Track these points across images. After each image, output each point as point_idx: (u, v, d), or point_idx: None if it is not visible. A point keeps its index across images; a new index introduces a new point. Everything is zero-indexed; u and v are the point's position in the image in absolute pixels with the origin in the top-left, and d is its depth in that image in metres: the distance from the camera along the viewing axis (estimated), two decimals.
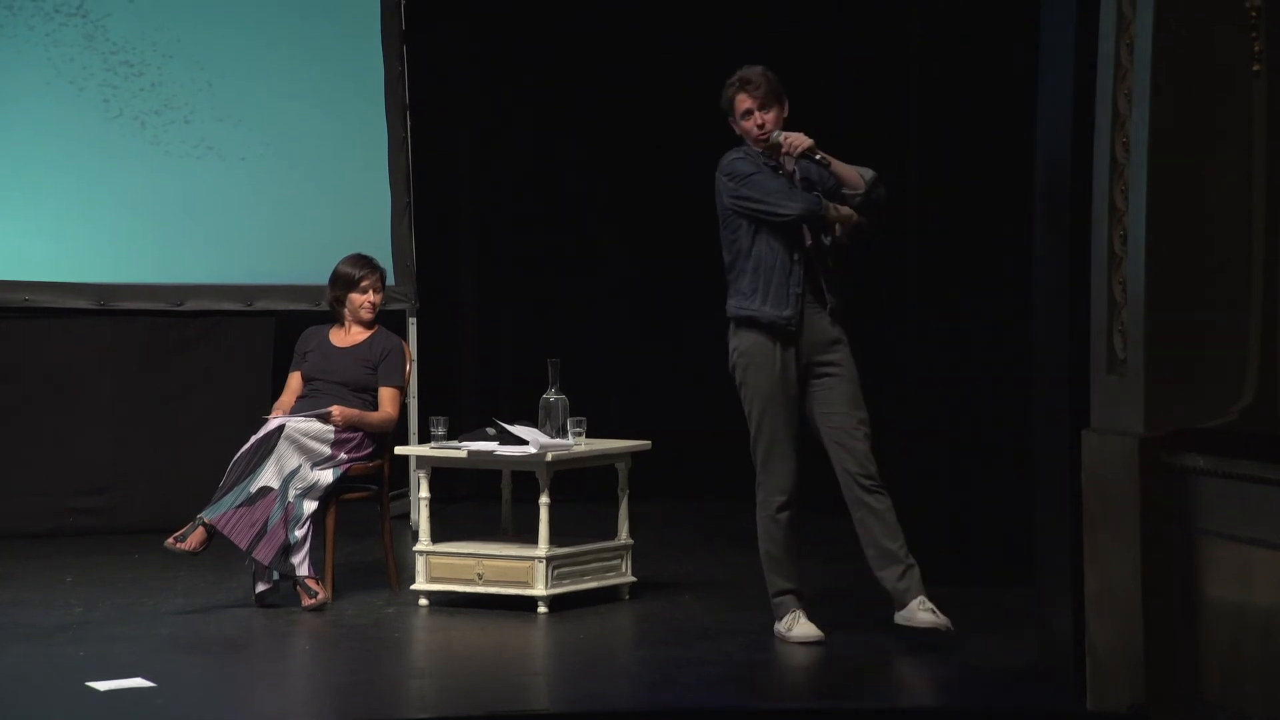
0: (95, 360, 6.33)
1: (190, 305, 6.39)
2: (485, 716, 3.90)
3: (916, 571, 4.36)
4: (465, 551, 4.98)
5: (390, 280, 6.05)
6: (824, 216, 4.38)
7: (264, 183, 6.41)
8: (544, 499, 4.91)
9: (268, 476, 4.99)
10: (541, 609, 4.87)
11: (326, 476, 5.06)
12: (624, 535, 5.09)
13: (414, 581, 5.03)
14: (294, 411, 5.16)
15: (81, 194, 6.19)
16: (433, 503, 5.05)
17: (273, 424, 5.07)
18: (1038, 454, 4.09)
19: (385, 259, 6.35)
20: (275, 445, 5.01)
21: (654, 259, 6.96)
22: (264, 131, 6.37)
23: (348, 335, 5.31)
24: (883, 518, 4.37)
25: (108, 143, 6.17)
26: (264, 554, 4.96)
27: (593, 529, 5.13)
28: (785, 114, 4.45)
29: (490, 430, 5.00)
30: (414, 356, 5.92)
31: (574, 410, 5.05)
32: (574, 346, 6.09)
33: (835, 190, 4.41)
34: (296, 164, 6.42)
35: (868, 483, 4.38)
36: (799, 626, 4.43)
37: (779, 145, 4.40)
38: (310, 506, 5.02)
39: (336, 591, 5.04)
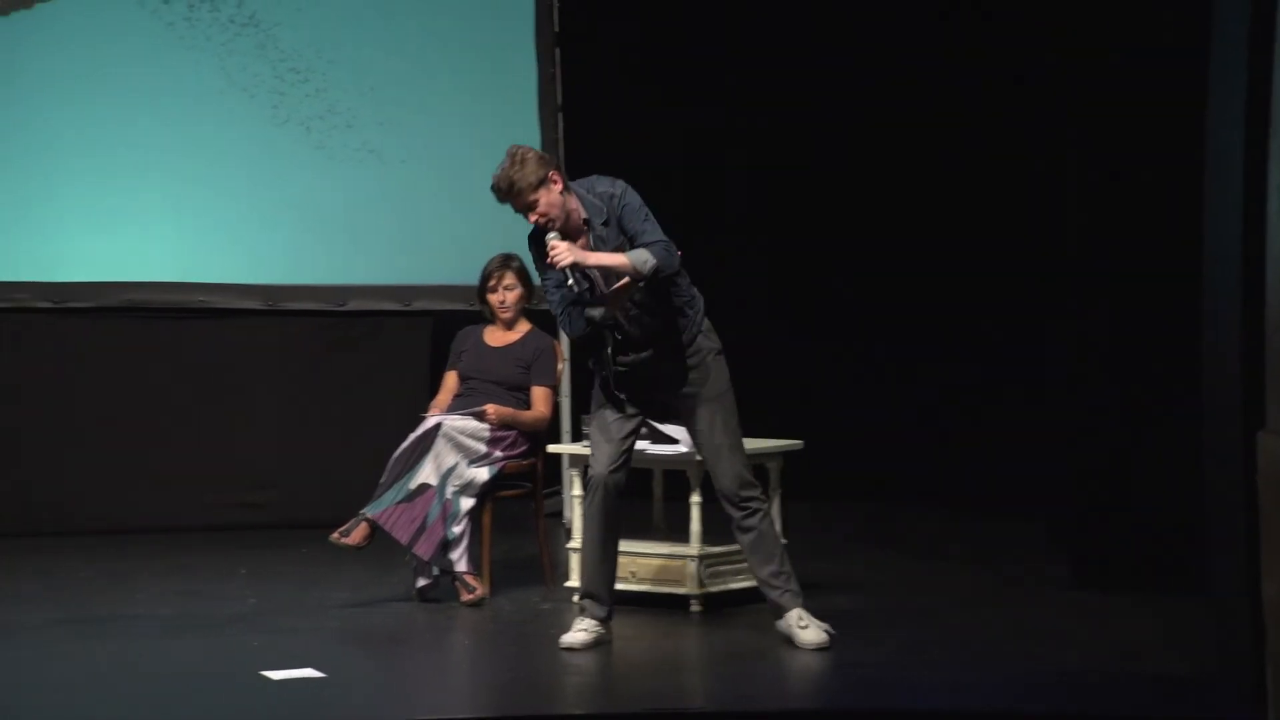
0: (264, 359, 6.55)
1: (352, 305, 6.56)
2: (641, 714, 3.95)
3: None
4: (618, 549, 5.05)
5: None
6: (600, 321, 4.40)
7: (422, 184, 6.55)
8: (695, 498, 4.94)
9: (426, 474, 5.10)
10: (694, 608, 4.91)
11: (482, 474, 5.15)
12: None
13: (568, 578, 5.10)
14: (450, 410, 5.26)
15: (252, 197, 6.39)
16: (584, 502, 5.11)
17: (430, 422, 5.18)
18: (1210, 457, 3.97)
19: None
20: (433, 443, 5.12)
21: (805, 260, 6.96)
22: (422, 134, 6.51)
23: (501, 335, 5.41)
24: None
25: (276, 147, 6.37)
26: (424, 549, 5.08)
27: None
28: (557, 189, 4.39)
29: (642, 430, 5.05)
30: (566, 356, 6.00)
31: None
32: (725, 345, 6.10)
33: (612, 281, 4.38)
34: (453, 166, 6.54)
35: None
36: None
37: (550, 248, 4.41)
38: (467, 503, 5.12)
39: (493, 587, 5.13)
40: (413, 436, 5.16)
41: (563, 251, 4.33)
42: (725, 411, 4.49)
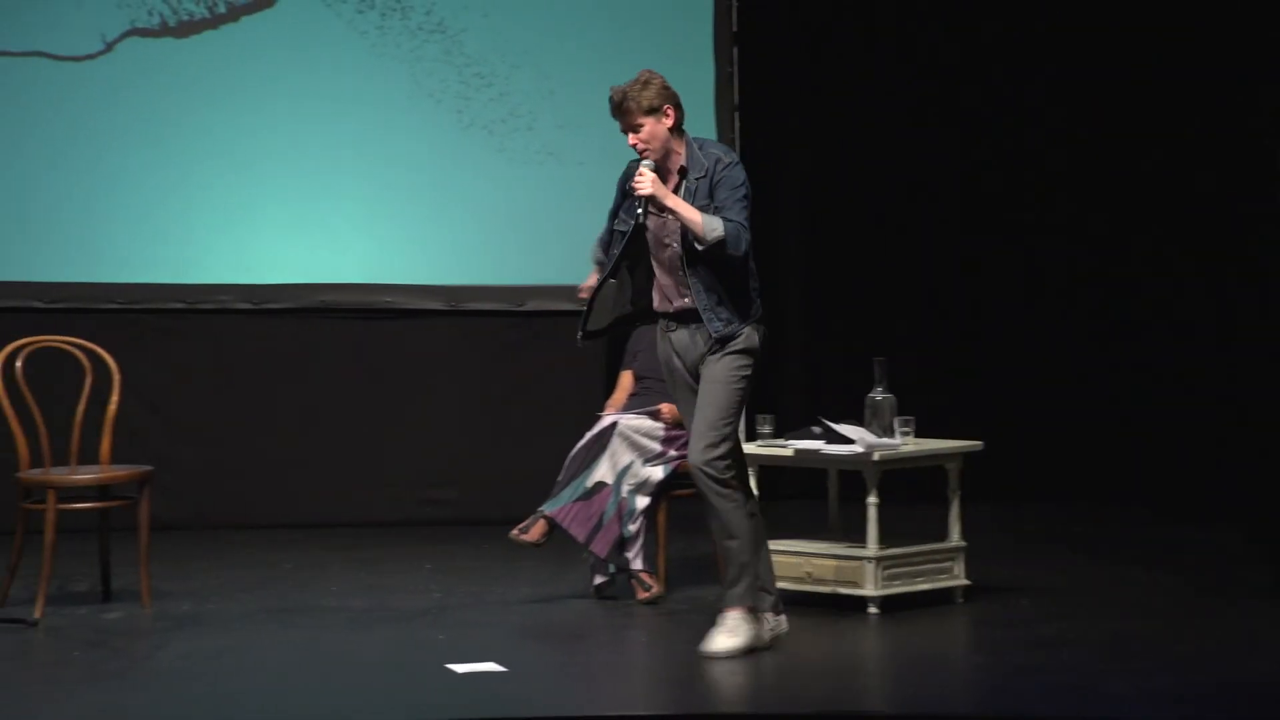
0: (446, 358, 6.71)
1: (530, 306, 6.67)
2: (819, 715, 3.93)
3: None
4: (793, 550, 5.02)
5: None
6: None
7: (600, 186, 6.60)
8: (871, 499, 4.90)
9: (602, 472, 5.15)
10: (872, 609, 4.88)
11: (657, 473, 5.18)
12: (956, 537, 5.03)
13: None
14: (626, 409, 5.30)
15: (436, 200, 6.55)
16: (760, 500, 5.12)
17: (606, 421, 5.22)
18: None
19: None
20: (609, 442, 5.17)
21: (981, 258, 6.83)
22: (599, 136, 6.58)
23: None
24: None
25: (459, 151, 6.52)
26: (600, 547, 5.13)
27: (922, 530, 5.09)
28: (667, 123, 4.39)
29: (816, 429, 5.01)
30: None
31: (901, 409, 5.02)
32: (900, 345, 6.05)
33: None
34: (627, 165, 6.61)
35: None
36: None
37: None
38: (643, 502, 5.15)
39: (669, 585, 5.15)
40: (589, 435, 5.22)
41: (648, 183, 4.34)
42: (719, 393, 4.42)
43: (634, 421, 5.19)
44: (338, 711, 4.01)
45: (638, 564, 5.11)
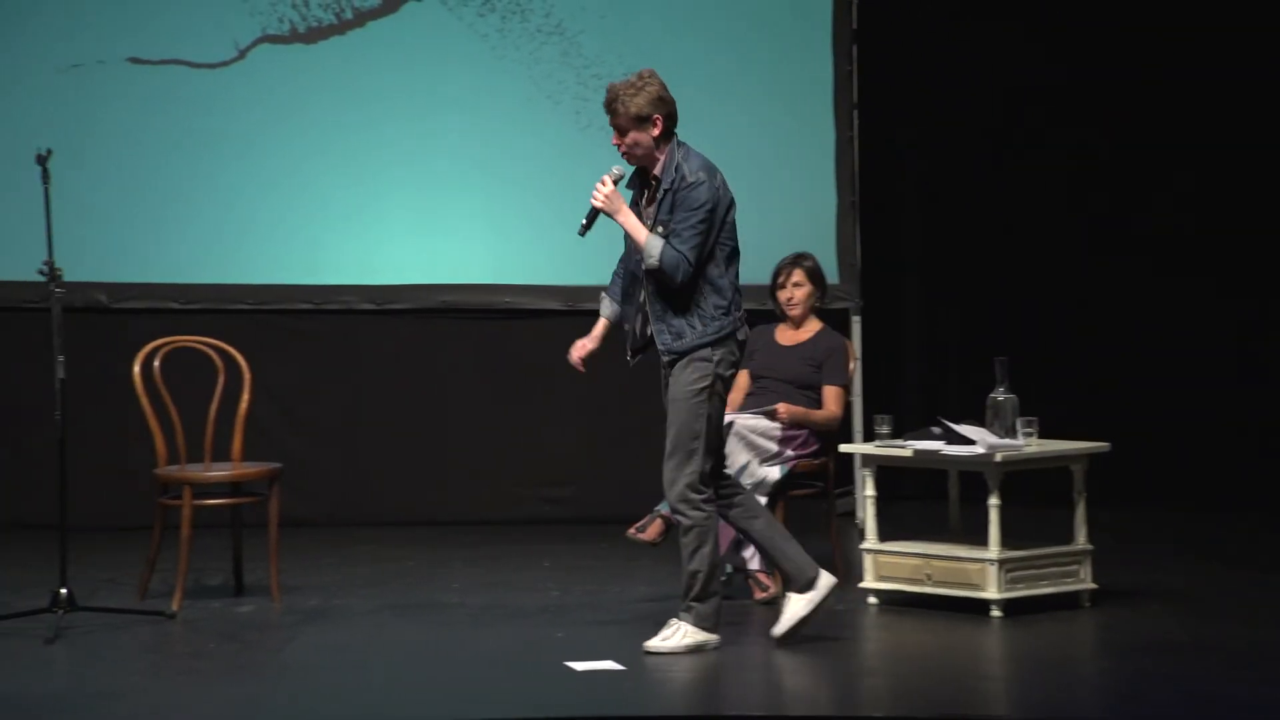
0: (565, 358, 6.76)
1: None
2: (942, 719, 3.90)
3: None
4: (913, 551, 4.99)
5: (834, 279, 6.13)
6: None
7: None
8: (993, 500, 4.85)
9: None
10: (995, 613, 4.82)
11: (774, 473, 5.17)
12: (1082, 540, 4.96)
13: (861, 579, 5.09)
14: (742, 409, 5.29)
15: (555, 201, 6.58)
16: (878, 501, 5.09)
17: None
18: None
19: (829, 258, 6.45)
20: (725, 441, 5.19)
21: (1107, 257, 6.73)
22: (715, 135, 6.58)
23: (793, 333, 5.42)
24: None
25: (577, 152, 6.56)
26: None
27: (1045, 533, 5.02)
28: (652, 133, 4.39)
29: (936, 429, 4.98)
30: (858, 355, 5.97)
31: (1024, 410, 4.96)
32: (1023, 345, 5.98)
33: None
34: (745, 166, 6.55)
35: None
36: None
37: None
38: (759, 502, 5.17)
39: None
40: None
41: (602, 195, 4.37)
42: (678, 417, 4.42)
43: (750, 421, 5.19)
44: (459, 707, 4.07)
45: (754, 564, 5.12)
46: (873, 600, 5.05)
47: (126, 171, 6.32)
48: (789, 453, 5.20)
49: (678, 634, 4.48)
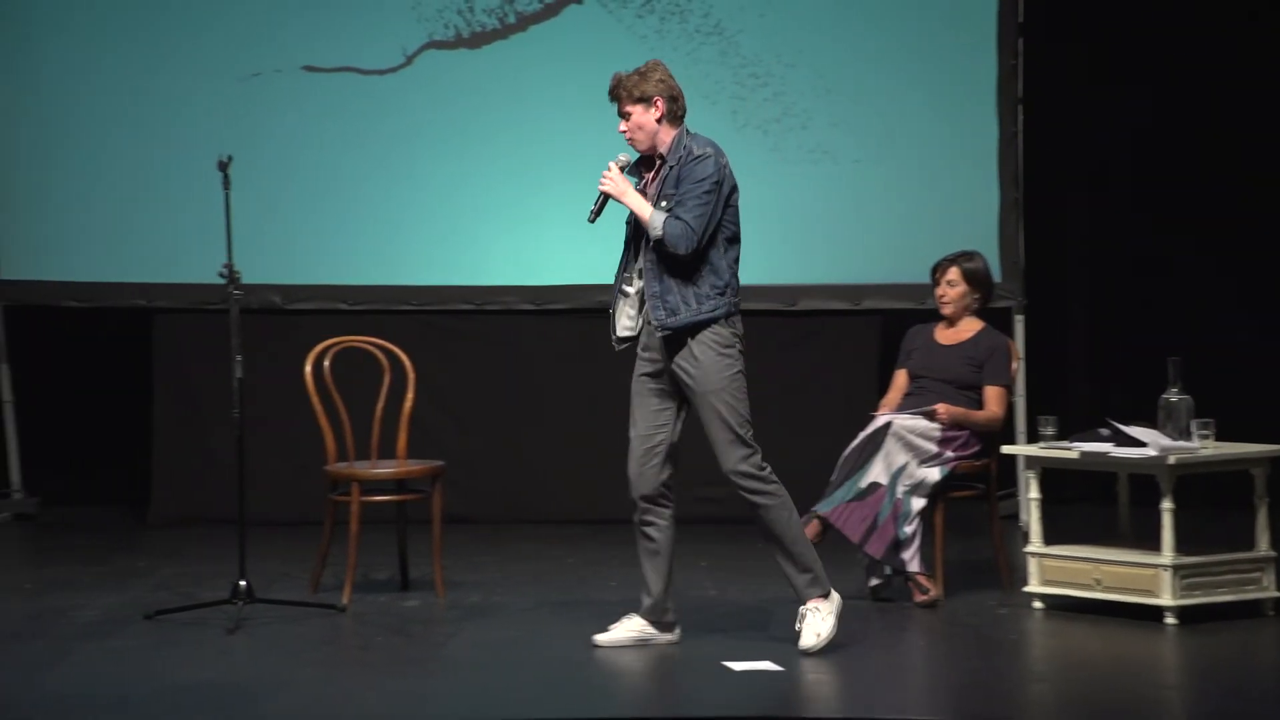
0: None
1: (801, 305, 6.67)
2: None
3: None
4: (1081, 555, 4.89)
5: (997, 277, 6.01)
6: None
7: (874, 184, 6.57)
8: (1166, 504, 4.72)
9: (876, 472, 5.10)
10: (1169, 620, 4.70)
11: (934, 474, 5.11)
12: (1264, 546, 4.81)
13: (1026, 583, 4.99)
14: (900, 409, 5.24)
15: None
16: (1043, 504, 4.99)
17: (880, 421, 5.17)
18: None
19: (992, 256, 6.34)
20: (883, 442, 5.13)
21: None
22: (876, 133, 6.54)
23: (953, 333, 5.34)
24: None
25: (733, 152, 6.50)
26: (875, 548, 5.08)
27: (1222, 538, 4.88)
28: (654, 115, 4.46)
29: (1104, 431, 4.86)
30: (1021, 355, 5.86)
31: (1200, 411, 4.82)
32: (1197, 344, 5.79)
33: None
34: (906, 164, 6.53)
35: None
36: None
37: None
38: (918, 503, 5.09)
39: (947, 589, 5.08)
40: (862, 435, 5.18)
41: (610, 180, 4.45)
42: (724, 406, 4.46)
43: (909, 422, 5.13)
44: (618, 704, 4.09)
45: (914, 566, 5.06)
46: (1038, 605, 4.95)
47: (300, 176, 6.48)
48: (949, 454, 5.13)
49: (818, 619, 4.46)
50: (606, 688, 4.27)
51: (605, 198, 4.53)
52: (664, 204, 4.47)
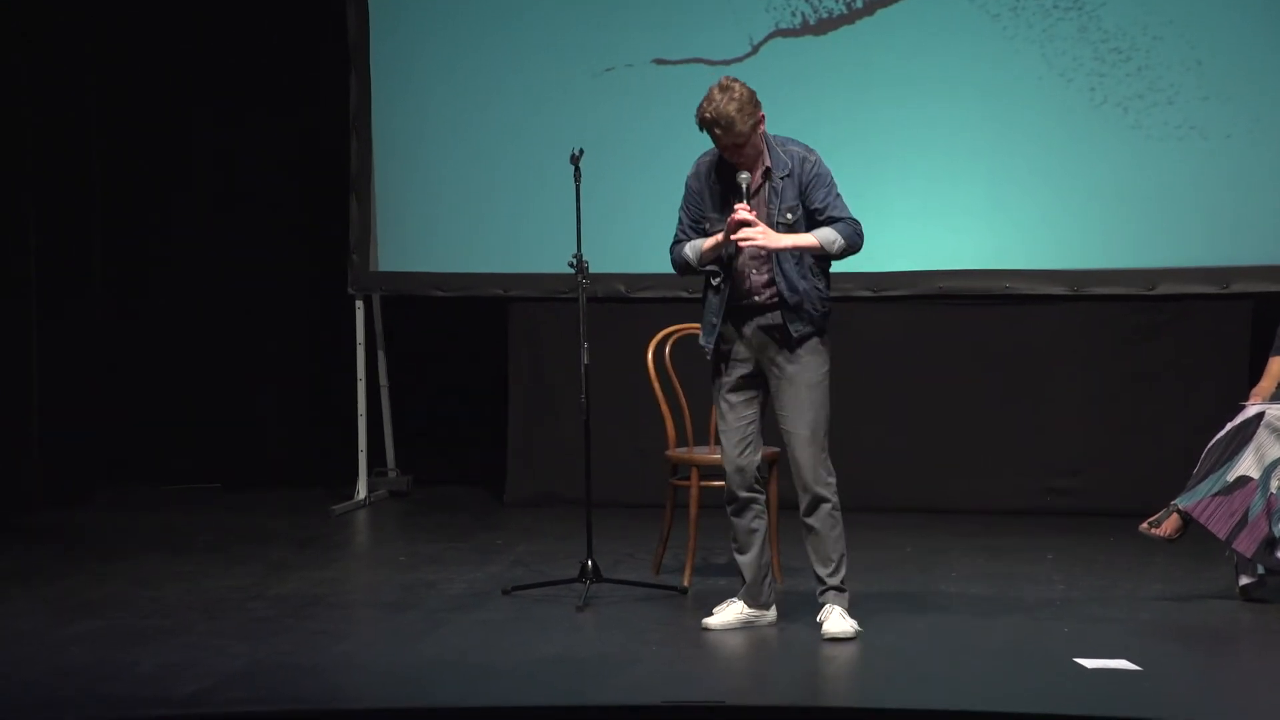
0: (1070, 344, 6.50)
1: (1161, 289, 6.33)
2: None
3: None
4: None
5: None
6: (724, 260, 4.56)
7: (1246, 161, 6.17)
8: None
9: (1246, 465, 4.83)
10: None
11: None
12: None
13: None
14: (1274, 399, 4.95)
15: (1062, 183, 6.34)
16: None
17: (1251, 411, 4.90)
18: None
19: None
20: (1254, 433, 4.83)
21: None
22: (1251, 107, 6.13)
23: None
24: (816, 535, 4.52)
25: (1090, 132, 6.29)
26: (1245, 545, 4.81)
27: None
28: (760, 132, 4.46)
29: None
30: None
31: None
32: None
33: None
34: (1267, 140, 6.10)
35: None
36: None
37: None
38: None
39: None
40: (1230, 425, 4.91)
41: (758, 234, 4.37)
42: (815, 403, 4.49)
43: None
44: (963, 697, 4.00)
45: None
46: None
47: (648, 168, 6.61)
48: None
49: (836, 614, 4.49)
50: (948, 679, 4.19)
51: (738, 248, 4.49)
52: (789, 215, 4.50)
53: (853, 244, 4.51)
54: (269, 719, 3.85)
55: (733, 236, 4.44)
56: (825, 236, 4.49)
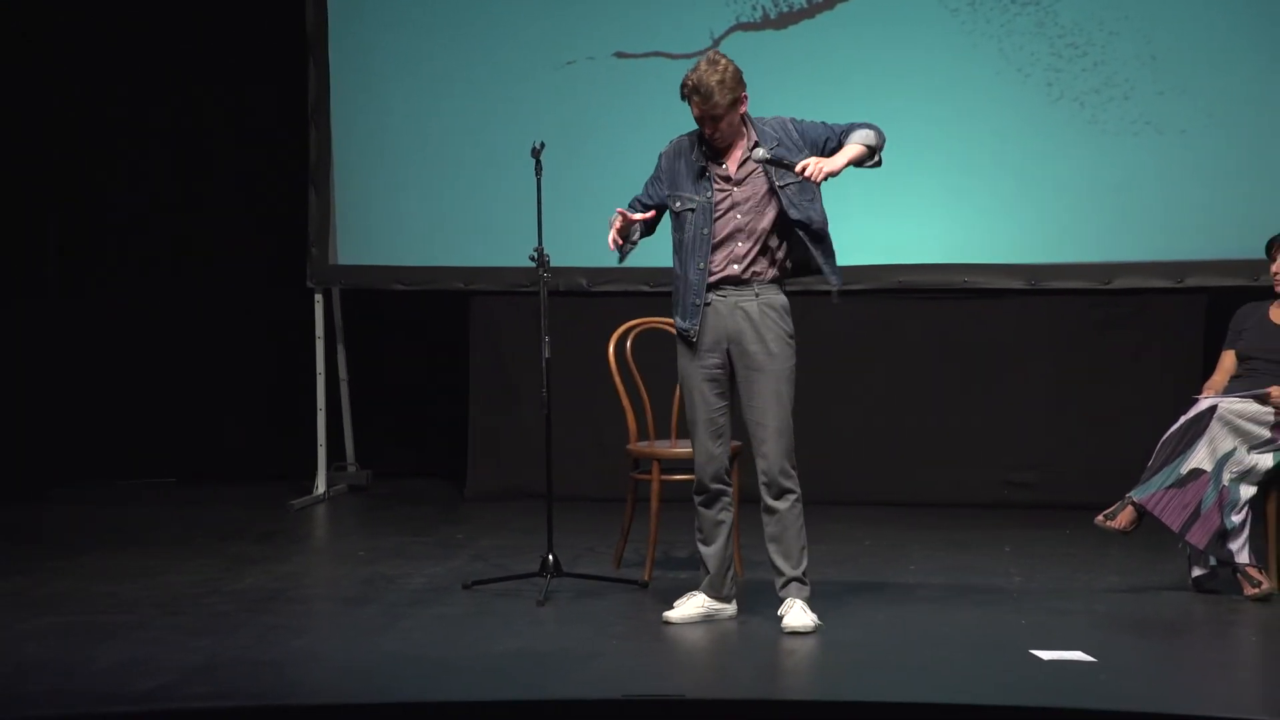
0: (1027, 338, 6.55)
1: (1118, 283, 6.38)
2: None
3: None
4: None
5: None
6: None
7: (1202, 155, 6.23)
8: None
9: (1199, 458, 4.87)
10: None
11: (1266, 460, 4.85)
12: None
13: None
14: (1227, 391, 5.00)
15: (1020, 177, 6.38)
16: None
17: (1204, 404, 4.94)
18: None
19: None
20: (1207, 426, 4.88)
21: None
22: (1205, 102, 6.19)
23: None
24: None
25: (1047, 126, 6.33)
26: (1197, 538, 4.85)
27: None
28: (741, 110, 4.48)
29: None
30: None
31: None
32: None
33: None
34: (1241, 133, 6.16)
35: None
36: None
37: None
38: (1247, 491, 4.84)
39: None
40: (1184, 419, 4.96)
41: (818, 168, 4.42)
42: (784, 395, 4.49)
43: (1237, 405, 4.87)
44: (921, 689, 4.03)
45: (1244, 557, 4.80)
46: None
47: (608, 161, 6.62)
48: None
49: (797, 608, 4.50)
50: (909, 671, 4.21)
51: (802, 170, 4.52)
52: (791, 186, 4.52)
53: (877, 130, 4.56)
54: (228, 714, 3.83)
55: (806, 174, 4.47)
56: (859, 138, 4.54)
